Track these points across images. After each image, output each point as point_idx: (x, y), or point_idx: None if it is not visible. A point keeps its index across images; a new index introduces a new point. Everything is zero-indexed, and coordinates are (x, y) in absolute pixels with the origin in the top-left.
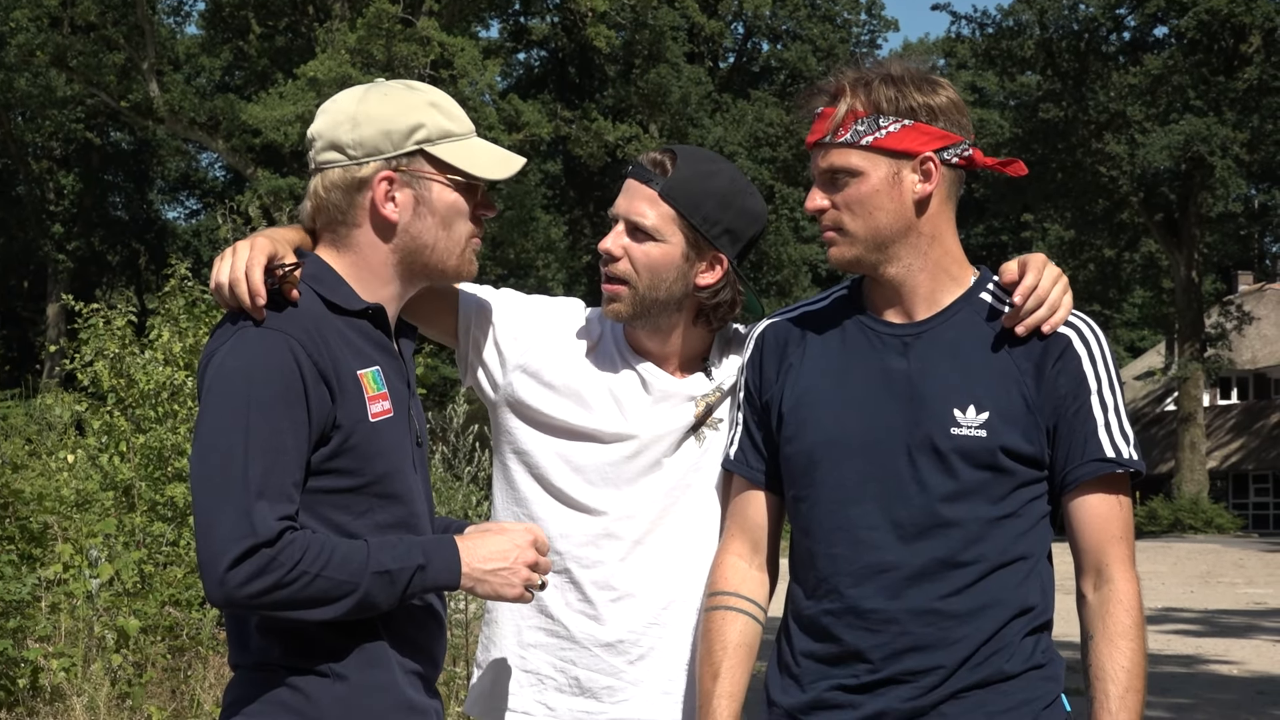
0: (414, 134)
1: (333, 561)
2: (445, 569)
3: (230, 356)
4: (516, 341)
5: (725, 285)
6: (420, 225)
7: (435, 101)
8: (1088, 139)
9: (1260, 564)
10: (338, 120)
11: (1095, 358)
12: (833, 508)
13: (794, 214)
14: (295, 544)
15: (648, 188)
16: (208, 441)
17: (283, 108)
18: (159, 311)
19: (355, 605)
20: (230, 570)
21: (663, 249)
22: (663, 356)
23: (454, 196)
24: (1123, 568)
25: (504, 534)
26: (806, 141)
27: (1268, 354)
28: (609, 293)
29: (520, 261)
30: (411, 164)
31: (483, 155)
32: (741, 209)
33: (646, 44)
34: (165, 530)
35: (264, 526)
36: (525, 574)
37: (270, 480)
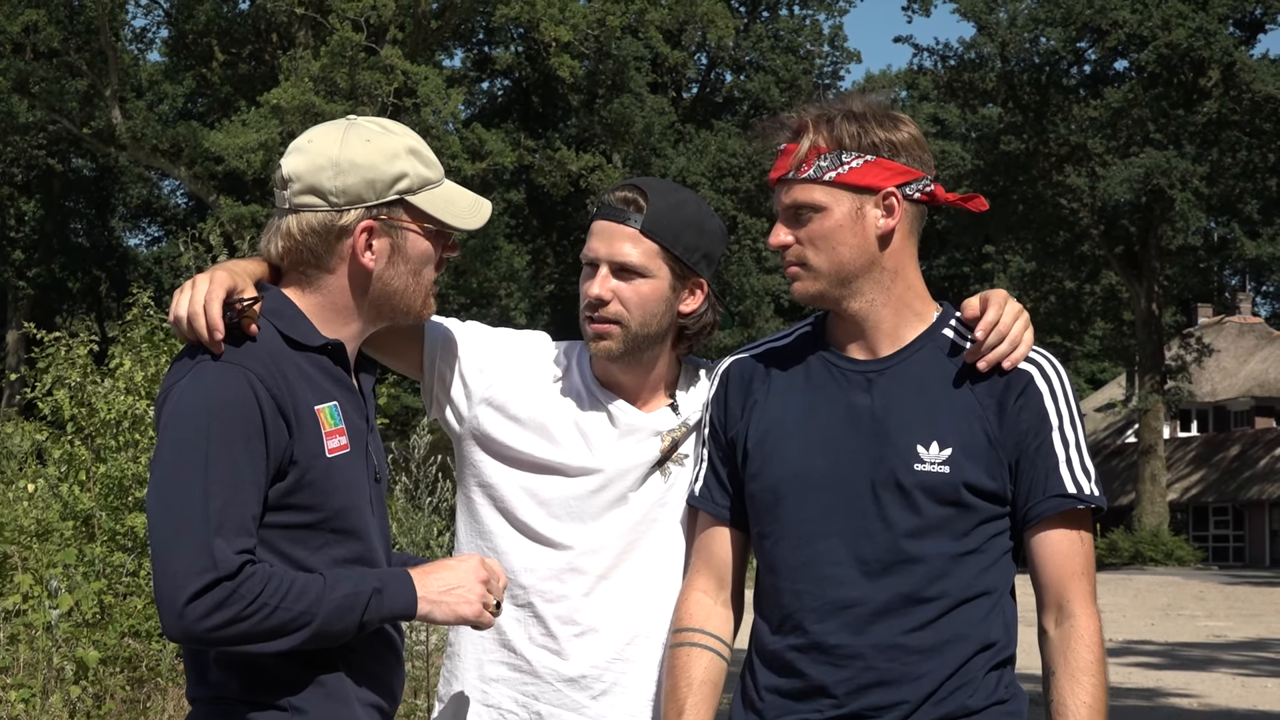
0: (397, 183)
1: (290, 593)
2: (401, 595)
3: (188, 391)
4: (482, 374)
5: (707, 308)
6: (392, 272)
7: (414, 148)
8: (1049, 171)
9: (1220, 597)
10: (319, 164)
11: (1056, 394)
12: (797, 544)
13: (756, 245)
14: (255, 577)
15: (626, 226)
16: (166, 476)
17: (245, 135)
18: (120, 340)
19: (313, 635)
20: (190, 604)
21: (652, 284)
22: (632, 390)
23: (426, 245)
24: (1084, 603)
25: (450, 564)
26: (770, 178)
27: (1227, 386)
28: (598, 331)
29: (483, 291)
30: (392, 213)
31: (458, 203)
32: (712, 232)
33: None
34: (125, 561)
35: (224, 560)
36: (480, 591)
37: (229, 514)
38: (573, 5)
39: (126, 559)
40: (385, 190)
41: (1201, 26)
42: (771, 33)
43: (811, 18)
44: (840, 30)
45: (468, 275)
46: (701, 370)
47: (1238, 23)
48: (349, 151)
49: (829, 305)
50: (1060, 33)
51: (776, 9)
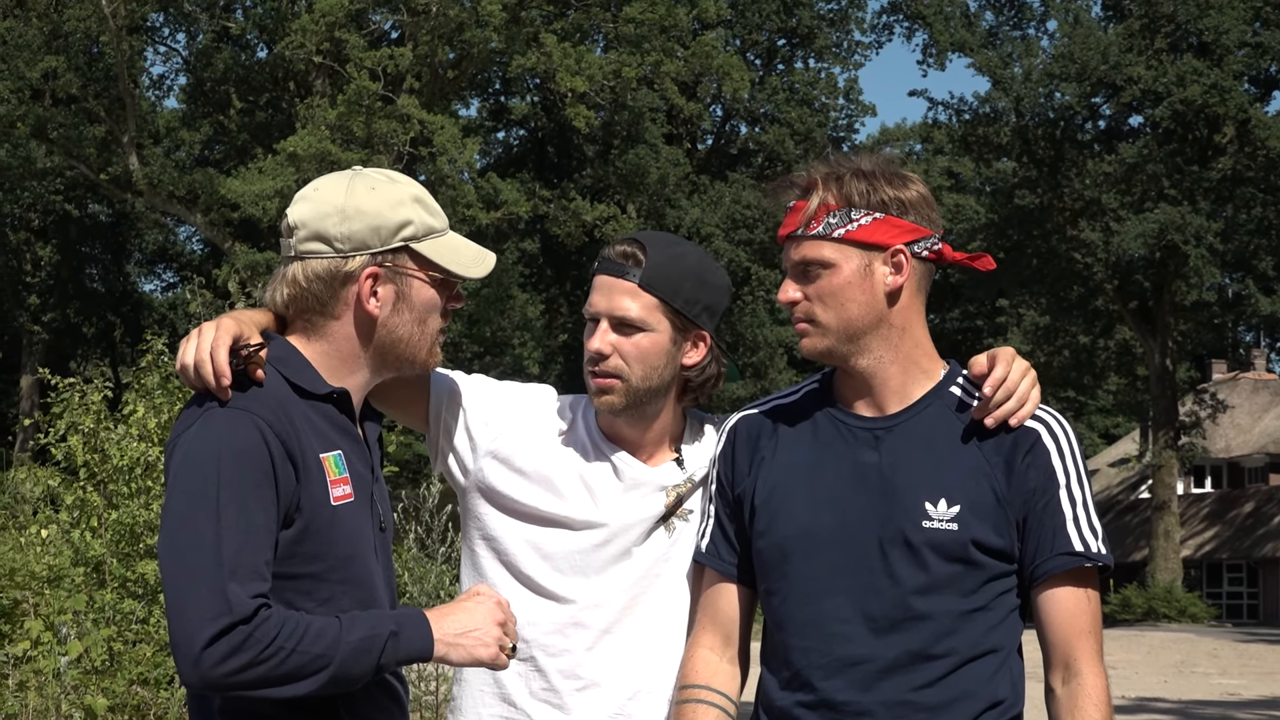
0: (402, 230)
1: (308, 636)
2: (418, 637)
3: (197, 439)
4: (488, 427)
5: (710, 360)
6: (397, 320)
7: (419, 197)
8: (1063, 226)
9: (1234, 654)
10: (324, 211)
11: (1064, 452)
12: (805, 601)
13: (770, 296)
14: (270, 621)
15: (625, 281)
16: (178, 523)
17: (261, 182)
18: (134, 386)
19: (330, 679)
20: (206, 649)
21: (651, 338)
22: (637, 444)
23: (431, 293)
24: (1091, 662)
25: (467, 606)
26: (779, 234)
27: (1241, 443)
28: (600, 385)
29: (496, 339)
30: (397, 260)
31: (463, 252)
32: (715, 285)
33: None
34: (136, 608)
35: (240, 605)
36: (497, 633)
37: (243, 559)
38: (589, 56)
39: (137, 606)
40: (390, 237)
41: (1216, 83)
42: (786, 85)
43: (827, 71)
44: (855, 84)
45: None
46: (707, 425)
47: (1253, 80)
48: (354, 199)
49: (837, 361)
50: (1075, 88)
51: (792, 62)
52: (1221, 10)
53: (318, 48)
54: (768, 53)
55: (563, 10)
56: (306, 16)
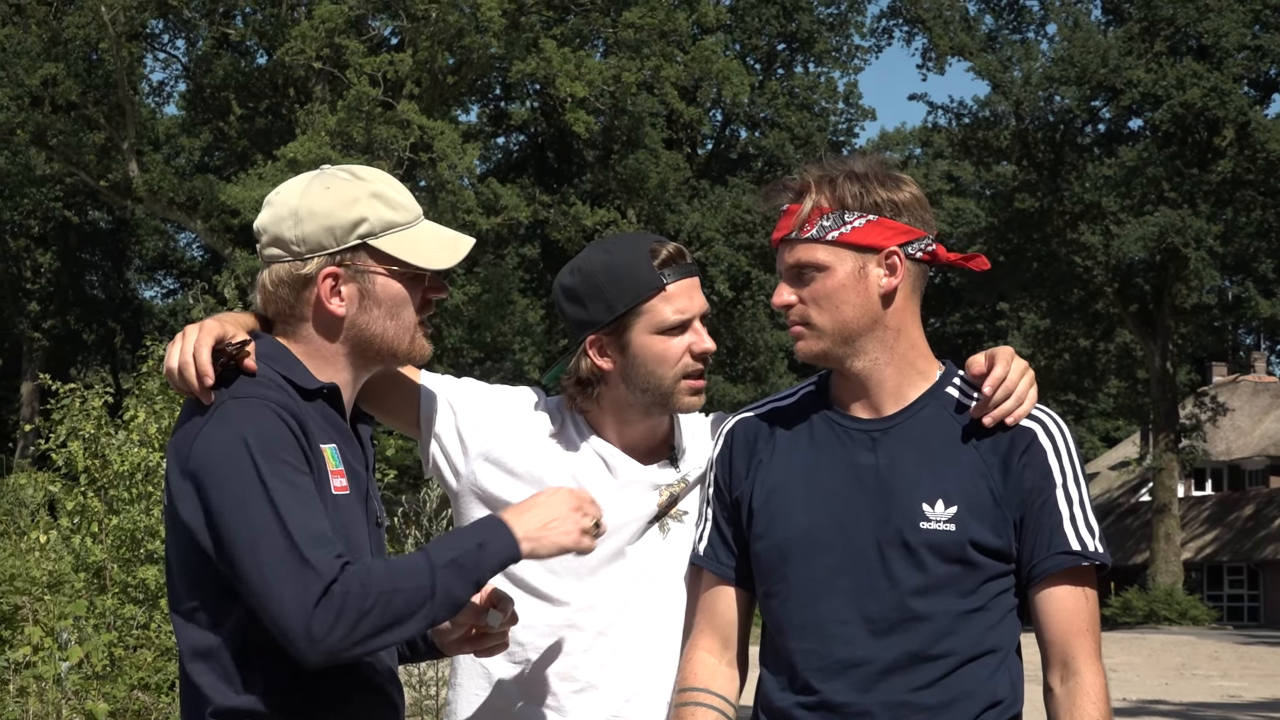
0: (356, 228)
1: (400, 573)
2: (503, 542)
3: (215, 434)
4: (478, 430)
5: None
6: (366, 318)
7: (378, 191)
8: (1063, 229)
9: (1235, 657)
10: (280, 215)
11: (1060, 451)
12: (804, 603)
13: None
14: (359, 572)
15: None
16: (234, 518)
17: (262, 188)
18: (134, 392)
19: (439, 606)
20: (314, 623)
21: None
22: (629, 443)
23: (398, 287)
24: (1089, 661)
25: (540, 500)
26: (773, 238)
27: (1242, 445)
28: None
29: (497, 345)
30: (355, 258)
31: (427, 244)
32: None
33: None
34: (136, 613)
35: (327, 568)
36: (576, 518)
37: (310, 527)
38: (588, 62)
39: (137, 611)
40: (345, 236)
41: (1216, 86)
42: (786, 90)
43: (826, 75)
44: (855, 88)
45: (482, 329)
46: (699, 425)
47: (1252, 83)
48: (308, 200)
49: (833, 364)
50: (1075, 91)
51: (791, 66)
52: (1221, 13)
53: (317, 54)
54: (767, 57)
55: (562, 15)
56: (306, 23)
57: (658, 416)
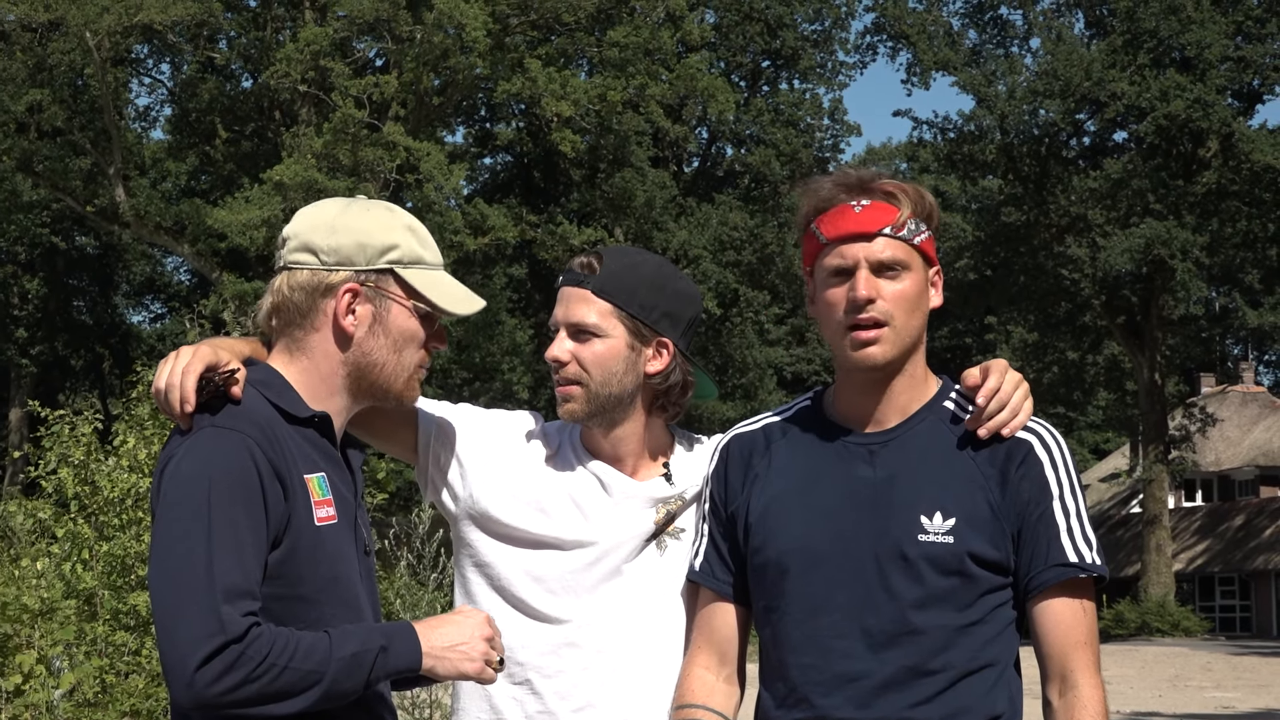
0: (388, 253)
1: (299, 653)
2: (407, 650)
3: (186, 459)
4: (477, 455)
5: (674, 369)
6: (373, 343)
7: (412, 227)
8: (1049, 242)
9: (1228, 667)
10: (315, 224)
11: (1056, 463)
12: (802, 617)
13: (758, 317)
14: (263, 638)
15: (580, 289)
16: (168, 544)
17: (248, 212)
18: (124, 417)
19: (322, 695)
20: (200, 670)
21: (607, 344)
22: (619, 457)
23: (412, 323)
24: (1088, 673)
25: (455, 619)
26: (864, 225)
27: (1231, 456)
28: (562, 394)
29: (485, 365)
30: (379, 281)
31: (450, 288)
32: (675, 291)
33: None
34: (128, 639)
35: (232, 624)
36: (483, 648)
37: (235, 579)
38: (574, 81)
39: (129, 638)
40: (375, 257)
41: (1200, 98)
42: (772, 107)
43: (811, 91)
44: (840, 104)
45: (470, 350)
46: (696, 443)
47: (1236, 94)
48: (346, 216)
49: (886, 371)
50: (1059, 105)
51: (776, 83)
52: (1203, 25)
53: (303, 77)
54: (752, 74)
55: (547, 35)
56: (291, 46)
57: (595, 426)
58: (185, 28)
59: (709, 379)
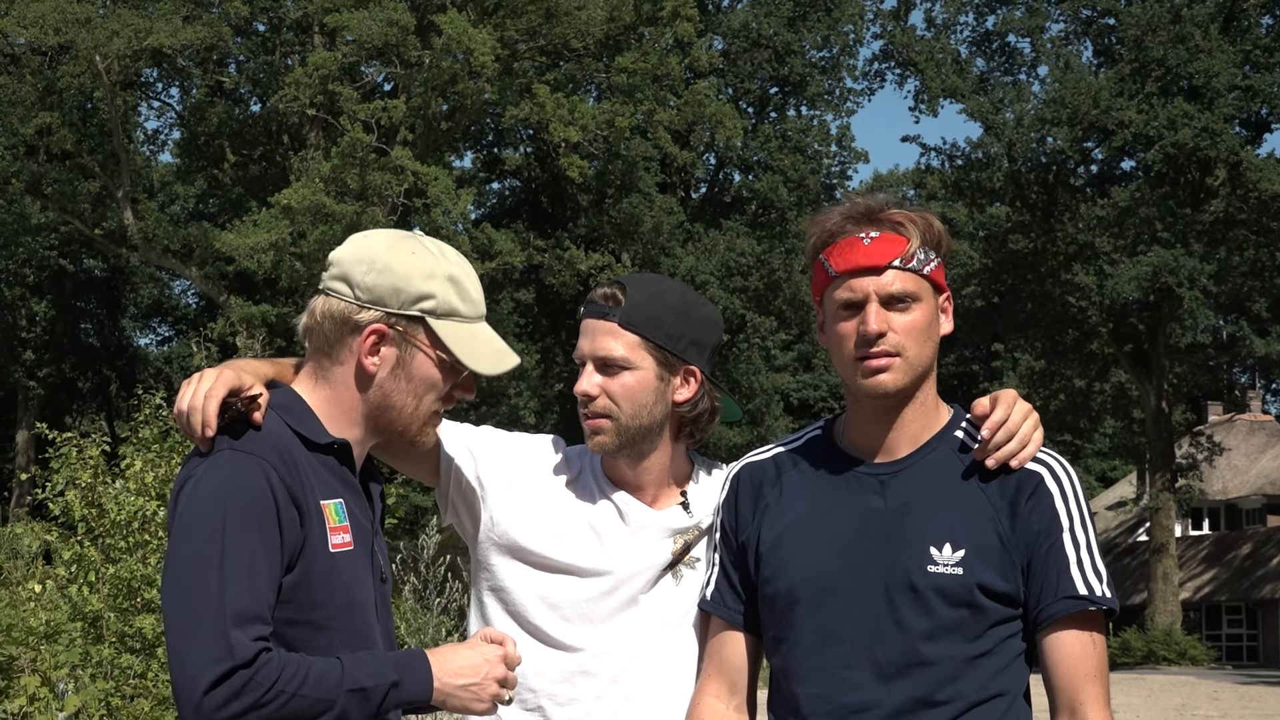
0: (422, 301)
1: (309, 680)
2: (418, 684)
3: (204, 481)
4: (497, 477)
5: (703, 396)
6: (393, 385)
7: (457, 278)
8: (1057, 270)
9: (1235, 696)
10: (359, 257)
11: (1067, 495)
12: (812, 647)
13: (765, 343)
14: (272, 664)
15: (606, 322)
16: (181, 566)
17: (256, 235)
18: (131, 440)
19: None
20: (208, 694)
21: (637, 376)
22: (640, 486)
23: (434, 373)
24: (1097, 707)
25: (474, 649)
26: (873, 259)
27: (1238, 484)
28: (592, 427)
29: (492, 389)
30: (408, 327)
31: (481, 345)
32: (700, 319)
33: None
34: (133, 662)
35: (241, 649)
36: (494, 689)
37: (245, 603)
38: (581, 106)
39: (134, 660)
40: (408, 303)
41: (1207, 126)
42: (779, 133)
43: (819, 118)
44: (848, 130)
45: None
46: (715, 471)
47: (1244, 122)
48: (391, 255)
49: (897, 400)
50: (1067, 133)
51: (784, 109)
52: (1211, 54)
53: (311, 101)
54: (760, 100)
55: (555, 61)
56: (299, 70)
57: (624, 457)
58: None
59: (733, 401)
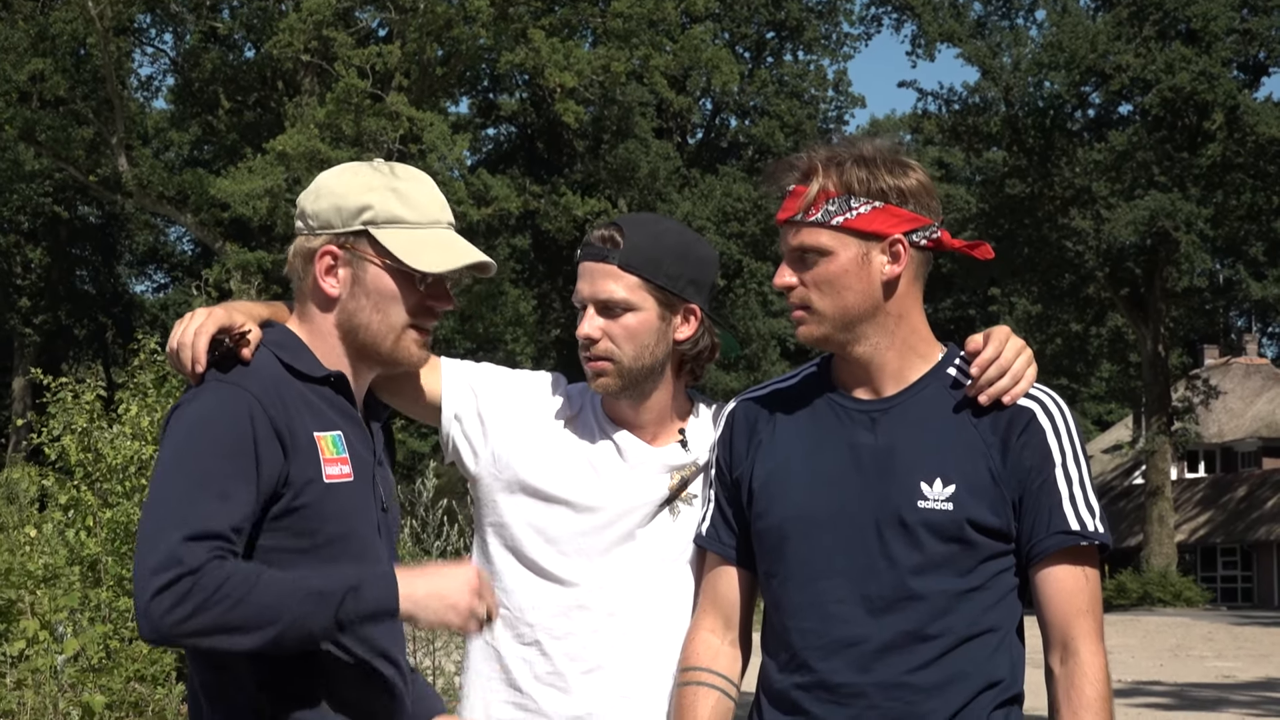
0: (361, 214)
1: (259, 585)
2: (381, 591)
3: (190, 408)
4: (498, 413)
5: (703, 334)
6: (355, 304)
7: (398, 187)
8: (1053, 214)
9: (1229, 637)
10: (310, 191)
11: (1059, 430)
12: (802, 583)
13: (762, 288)
14: (221, 570)
15: (605, 264)
16: (154, 486)
17: (251, 182)
18: (127, 385)
19: (285, 630)
20: (154, 599)
21: (639, 317)
22: (641, 424)
23: (388, 283)
24: (1089, 641)
25: (443, 570)
26: (777, 218)
27: (1234, 427)
28: (595, 369)
29: (489, 336)
30: (356, 243)
31: (428, 247)
32: (698, 258)
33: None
34: (131, 605)
35: (191, 558)
36: (469, 600)
37: (206, 521)
38: (577, 52)
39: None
40: (351, 219)
41: (1205, 70)
42: (776, 78)
43: (816, 63)
44: (844, 75)
45: (473, 320)
46: (714, 408)
47: (1241, 66)
48: (333, 179)
49: (834, 349)
50: (1064, 77)
51: (781, 54)
52: None
53: (305, 46)
54: (756, 45)
55: (550, 6)
56: (294, 15)
57: (626, 398)
58: None
59: (732, 337)
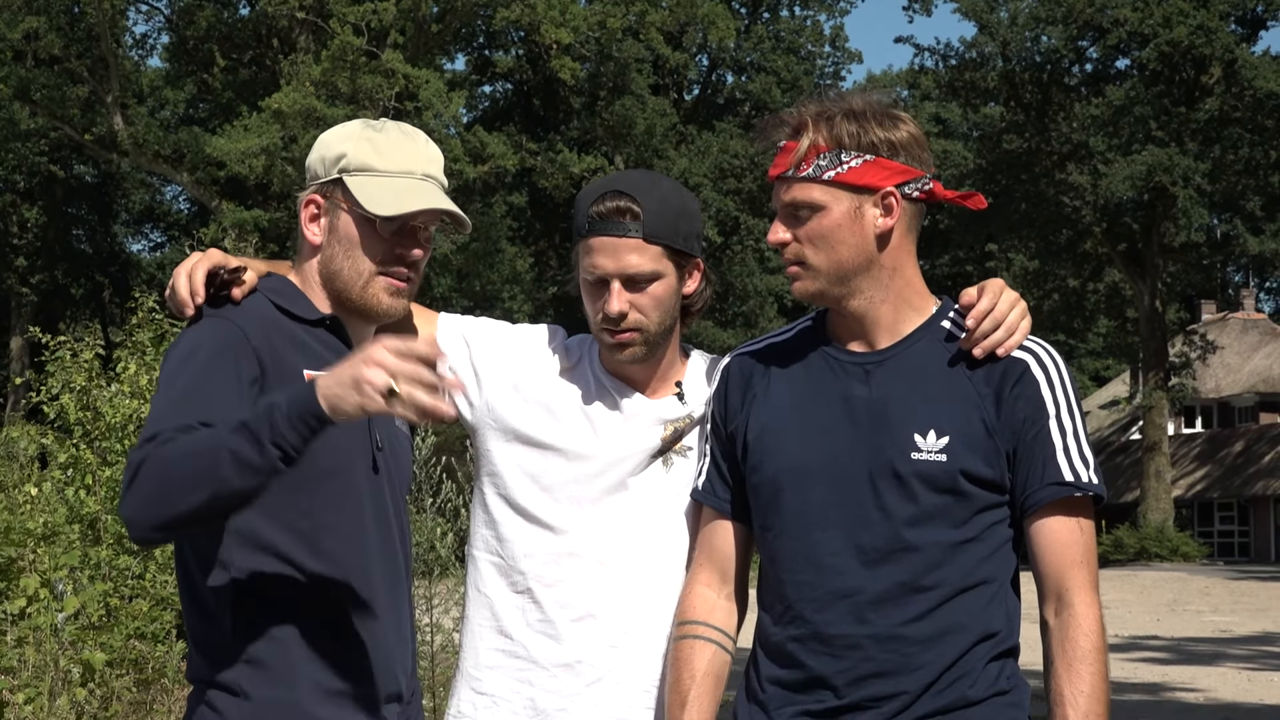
0: (338, 162)
1: (190, 440)
2: (300, 396)
3: (180, 340)
4: (493, 361)
5: (705, 285)
6: (331, 251)
7: (374, 139)
8: (1051, 170)
9: (1226, 592)
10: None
11: (1054, 382)
12: (797, 535)
13: (759, 245)
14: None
15: (629, 239)
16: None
17: (247, 140)
18: (125, 344)
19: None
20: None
21: (664, 284)
22: (640, 381)
23: (353, 230)
24: (1084, 593)
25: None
26: (769, 174)
27: (1231, 383)
28: (623, 341)
29: (486, 294)
30: (331, 190)
31: (389, 194)
32: (694, 211)
33: (611, 76)
34: (131, 563)
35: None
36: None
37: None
38: (573, 8)
39: (132, 561)
40: (330, 168)
41: (1202, 24)
42: (772, 34)
43: (812, 18)
44: (841, 31)
45: (470, 278)
46: (710, 363)
47: (1239, 20)
48: (328, 134)
49: (829, 303)
50: (1061, 31)
51: (777, 10)
52: None
53: (300, 3)
54: (753, 1)
55: None
56: None
57: (657, 356)
58: None
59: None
